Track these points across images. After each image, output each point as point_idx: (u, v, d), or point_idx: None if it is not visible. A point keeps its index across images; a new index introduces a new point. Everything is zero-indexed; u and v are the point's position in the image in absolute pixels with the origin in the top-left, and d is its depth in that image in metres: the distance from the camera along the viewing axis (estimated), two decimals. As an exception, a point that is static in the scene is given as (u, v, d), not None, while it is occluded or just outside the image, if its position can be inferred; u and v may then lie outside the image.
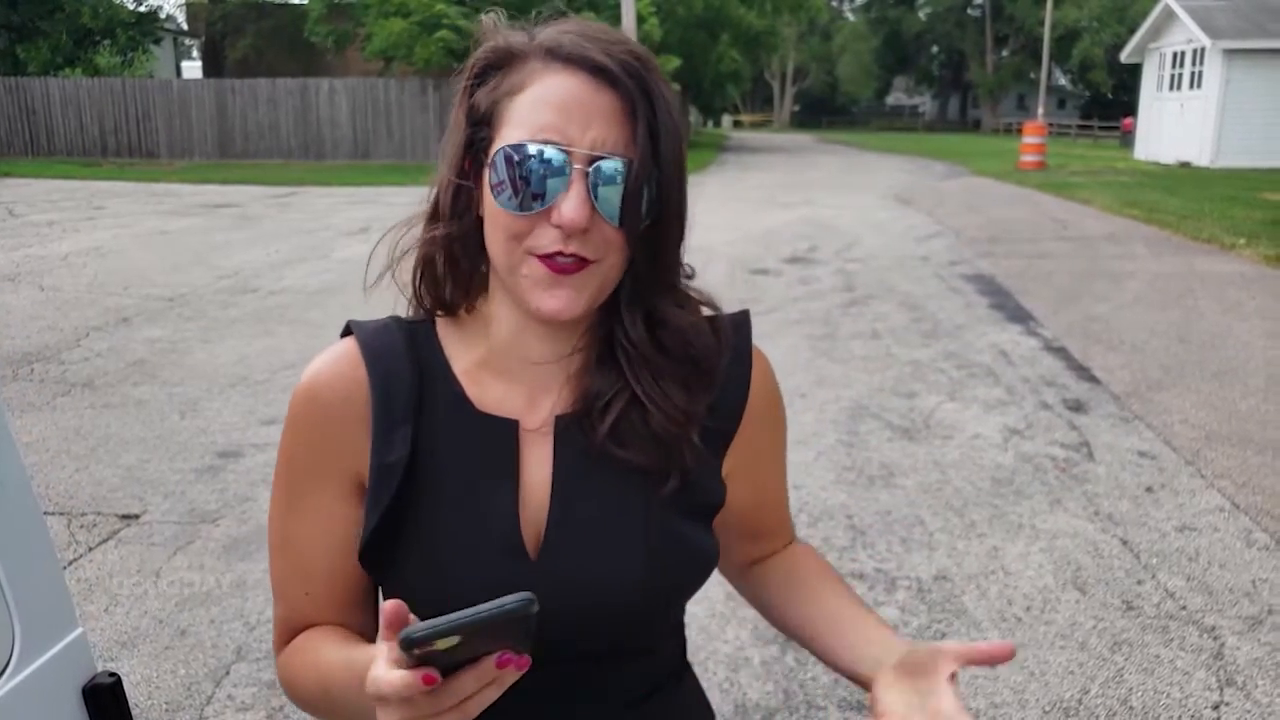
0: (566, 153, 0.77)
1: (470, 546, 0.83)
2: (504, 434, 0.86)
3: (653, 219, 0.81)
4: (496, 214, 0.79)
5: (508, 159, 0.78)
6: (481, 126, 0.82)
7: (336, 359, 0.87)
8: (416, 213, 0.88)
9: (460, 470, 0.85)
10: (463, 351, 0.89)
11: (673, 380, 0.86)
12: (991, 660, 0.75)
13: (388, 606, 0.62)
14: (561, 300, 0.79)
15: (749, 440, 0.93)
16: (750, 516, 0.97)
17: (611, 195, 0.77)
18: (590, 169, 0.77)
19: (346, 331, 0.90)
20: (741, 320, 0.93)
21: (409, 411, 0.85)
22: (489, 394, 0.87)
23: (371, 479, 0.84)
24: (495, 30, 0.84)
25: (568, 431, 0.86)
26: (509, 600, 0.58)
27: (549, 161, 0.76)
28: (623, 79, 0.77)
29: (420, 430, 0.85)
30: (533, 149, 0.77)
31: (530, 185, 0.77)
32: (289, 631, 0.90)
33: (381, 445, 0.84)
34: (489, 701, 0.64)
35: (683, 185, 0.83)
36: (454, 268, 0.86)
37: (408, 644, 0.59)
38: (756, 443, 0.94)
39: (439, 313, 0.89)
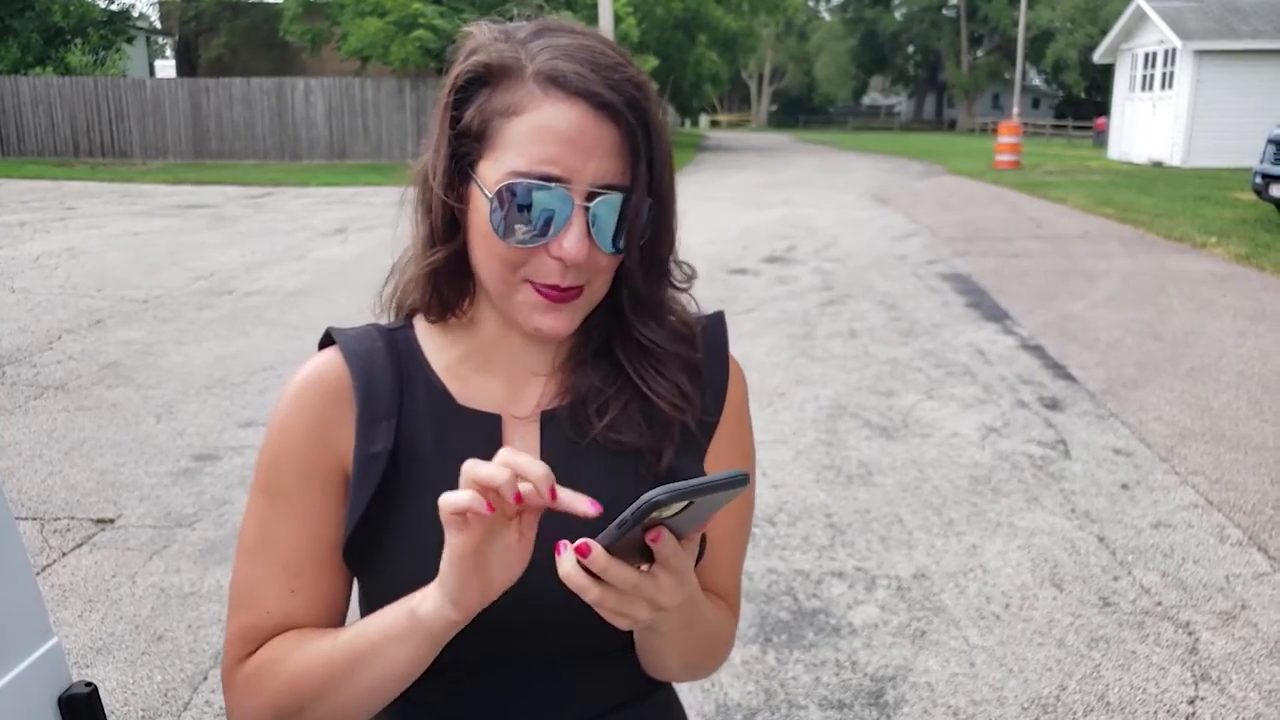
0: (568, 188, 0.77)
1: None
2: (487, 428, 0.88)
3: (646, 238, 0.83)
4: (493, 242, 0.80)
5: (509, 194, 0.77)
6: (468, 141, 0.81)
7: (319, 364, 0.89)
8: (412, 243, 0.88)
9: (445, 465, 0.85)
10: (444, 350, 0.90)
11: (675, 366, 0.89)
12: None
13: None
14: (558, 322, 0.82)
15: (723, 443, 0.93)
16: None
17: (607, 226, 0.79)
18: (591, 204, 0.78)
19: (326, 341, 0.91)
20: (718, 317, 0.96)
21: (392, 409, 0.86)
22: (472, 389, 0.89)
23: (355, 470, 0.85)
24: (480, 42, 0.82)
25: (554, 423, 0.88)
26: (724, 474, 0.65)
27: (551, 197, 0.77)
28: (625, 113, 0.77)
29: (403, 427, 0.86)
30: (536, 186, 0.77)
31: (531, 220, 0.78)
32: (252, 641, 0.86)
33: (365, 438, 0.85)
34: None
35: (674, 200, 0.84)
36: (451, 283, 0.87)
37: (650, 508, 0.63)
38: (730, 453, 0.94)
39: (430, 318, 0.90)
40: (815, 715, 2.58)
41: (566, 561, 0.68)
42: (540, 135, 0.77)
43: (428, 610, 0.74)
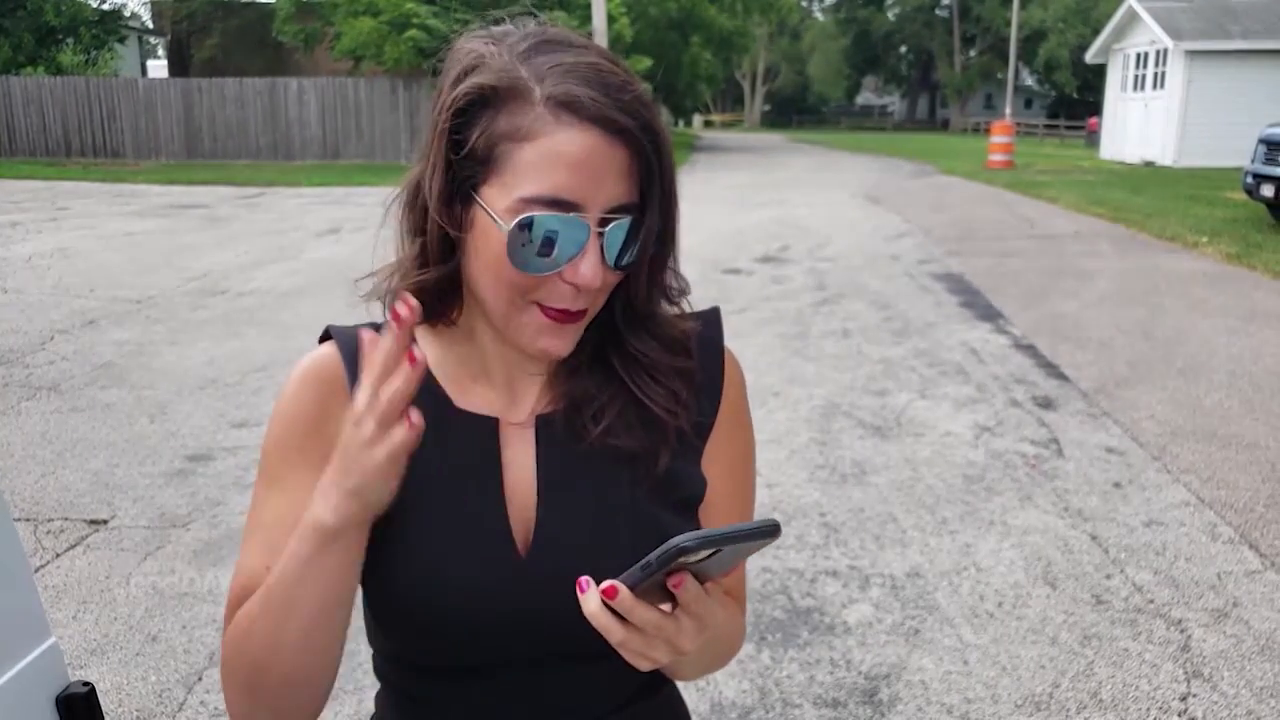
0: (583, 215, 0.76)
1: (457, 545, 0.83)
2: (484, 432, 0.87)
3: (651, 254, 0.83)
4: (504, 269, 0.78)
5: (524, 225, 0.76)
6: (470, 164, 0.79)
7: (317, 357, 0.89)
8: (398, 256, 0.87)
9: (443, 468, 0.86)
10: (440, 355, 0.90)
11: (668, 371, 0.89)
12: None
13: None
14: (563, 342, 0.82)
15: (720, 442, 0.93)
16: None
17: (617, 246, 0.79)
18: (605, 230, 0.77)
19: (325, 337, 0.91)
20: (712, 315, 0.96)
21: None
22: (468, 394, 0.89)
23: None
24: (477, 59, 0.79)
25: (550, 428, 0.88)
26: (756, 522, 0.65)
27: (567, 224, 0.76)
28: (639, 136, 0.77)
29: None
30: (551, 214, 0.76)
31: (545, 247, 0.77)
32: (240, 602, 0.84)
33: None
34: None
35: (677, 216, 0.84)
36: (438, 298, 0.86)
37: (677, 553, 0.63)
38: (728, 451, 0.94)
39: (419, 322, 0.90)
40: (810, 714, 2.58)
41: (592, 601, 0.68)
42: (554, 162, 0.75)
43: (324, 512, 0.73)
